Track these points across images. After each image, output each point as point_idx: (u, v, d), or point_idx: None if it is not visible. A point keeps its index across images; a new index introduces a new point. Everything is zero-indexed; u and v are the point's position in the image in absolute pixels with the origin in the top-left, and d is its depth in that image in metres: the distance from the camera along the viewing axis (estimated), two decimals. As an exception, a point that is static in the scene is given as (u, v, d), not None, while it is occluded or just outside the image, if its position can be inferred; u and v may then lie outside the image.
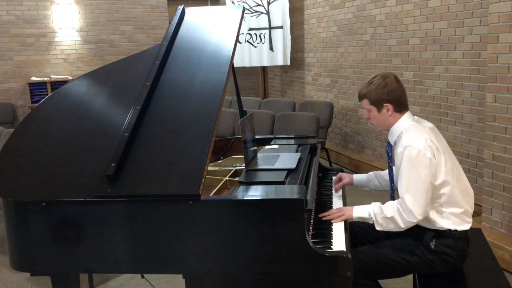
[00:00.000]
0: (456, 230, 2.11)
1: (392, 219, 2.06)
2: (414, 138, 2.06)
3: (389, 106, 2.15)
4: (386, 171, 2.45)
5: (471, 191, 2.22)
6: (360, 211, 2.15)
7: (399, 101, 2.16)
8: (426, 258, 2.12)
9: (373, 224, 2.12)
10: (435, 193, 2.09)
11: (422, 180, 2.02)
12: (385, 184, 2.49)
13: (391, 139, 2.24)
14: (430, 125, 2.23)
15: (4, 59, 7.26)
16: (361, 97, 2.22)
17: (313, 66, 7.17)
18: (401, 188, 2.06)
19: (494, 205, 3.56)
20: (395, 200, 2.10)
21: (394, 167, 2.30)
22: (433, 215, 2.11)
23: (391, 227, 2.08)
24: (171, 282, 3.23)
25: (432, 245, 2.11)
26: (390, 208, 2.08)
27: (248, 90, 8.74)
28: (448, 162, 2.11)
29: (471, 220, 2.17)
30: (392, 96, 2.14)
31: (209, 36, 2.57)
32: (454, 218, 2.11)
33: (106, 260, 1.93)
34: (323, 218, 2.17)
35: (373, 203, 2.16)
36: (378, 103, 2.16)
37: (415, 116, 2.23)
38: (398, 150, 2.12)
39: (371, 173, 2.59)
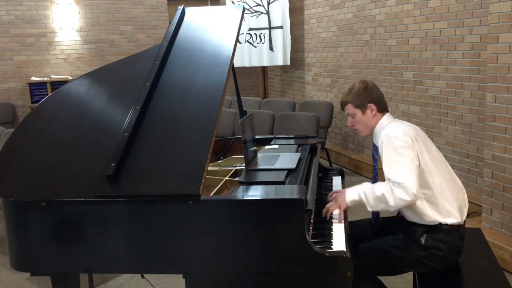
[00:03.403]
0: (446, 224, 2.11)
1: (382, 197, 2.05)
2: (392, 128, 2.15)
3: (373, 106, 2.23)
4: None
5: (463, 189, 2.24)
6: (352, 194, 2.17)
7: (380, 101, 2.25)
8: (418, 254, 2.13)
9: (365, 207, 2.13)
10: (422, 181, 2.10)
11: (407, 160, 2.05)
12: None
13: (376, 140, 2.29)
14: (411, 124, 2.27)
15: (4, 59, 7.26)
16: (343, 104, 2.30)
17: (313, 66, 7.17)
18: (389, 171, 2.06)
19: (494, 205, 3.56)
20: (386, 180, 2.11)
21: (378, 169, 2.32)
22: (423, 205, 2.12)
23: (382, 207, 2.09)
24: (171, 282, 3.23)
25: (423, 240, 2.12)
26: (380, 187, 2.09)
27: (248, 90, 8.74)
28: (431, 153, 2.16)
29: (463, 215, 2.18)
30: (374, 97, 2.24)
31: (209, 36, 2.57)
32: (443, 211, 2.12)
33: (106, 260, 1.93)
34: (325, 216, 2.17)
35: (364, 183, 2.18)
36: (362, 105, 2.24)
37: (396, 119, 2.30)
38: (379, 143, 2.18)
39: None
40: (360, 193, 2.14)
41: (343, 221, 2.17)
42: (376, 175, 2.35)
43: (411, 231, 2.16)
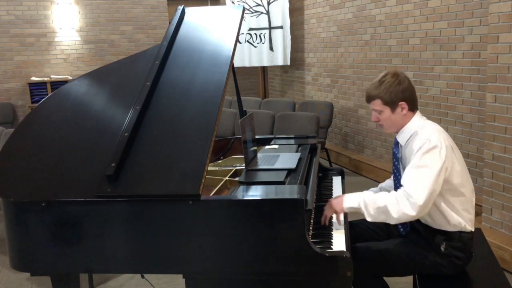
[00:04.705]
0: (465, 232, 2.09)
1: (384, 208, 1.95)
2: (433, 134, 2.00)
3: (404, 104, 2.07)
4: (388, 182, 2.39)
5: (473, 193, 2.20)
6: (350, 201, 2.06)
7: (413, 99, 2.09)
8: (435, 260, 2.09)
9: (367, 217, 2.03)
10: (456, 191, 2.04)
11: (433, 174, 1.94)
12: None
13: (402, 139, 2.14)
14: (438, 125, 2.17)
15: (4, 59, 7.26)
16: (371, 98, 2.11)
17: (313, 66, 7.17)
18: (407, 176, 1.96)
19: (494, 205, 3.56)
20: (392, 191, 2.02)
21: (401, 169, 2.19)
22: (449, 212, 2.06)
23: (382, 218, 1.98)
24: (171, 282, 3.23)
25: (443, 248, 2.08)
26: (383, 197, 1.99)
27: (248, 90, 8.74)
28: (459, 162, 2.08)
29: (473, 220, 2.16)
30: (407, 94, 2.06)
31: (209, 36, 2.57)
32: (467, 218, 2.10)
33: (106, 260, 1.93)
34: (323, 223, 2.10)
35: (365, 192, 2.07)
36: (392, 103, 2.07)
37: (423, 116, 2.17)
38: (415, 146, 2.01)
39: (375, 189, 2.47)
40: (360, 201, 2.03)
41: (343, 224, 2.13)
42: (399, 174, 2.19)
43: (430, 237, 2.10)
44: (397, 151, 2.20)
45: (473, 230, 2.13)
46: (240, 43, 7.29)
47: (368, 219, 2.03)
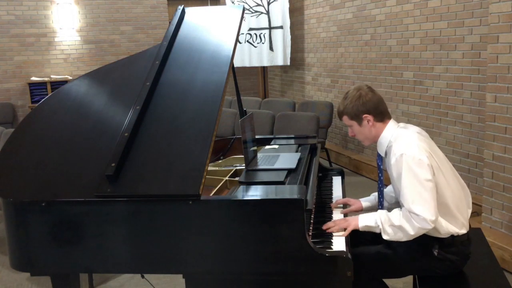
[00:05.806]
0: (459, 235, 2.08)
1: (400, 227, 1.97)
2: (406, 144, 2.01)
3: (369, 117, 2.10)
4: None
5: (467, 189, 2.19)
6: (366, 220, 2.06)
7: (377, 110, 2.11)
8: (429, 264, 2.10)
9: (380, 233, 2.04)
10: (438, 199, 2.02)
11: (425, 185, 1.95)
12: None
13: (381, 150, 2.17)
14: (417, 129, 2.17)
15: (4, 59, 7.26)
16: (340, 114, 2.19)
17: (313, 66, 7.17)
18: (406, 199, 1.97)
19: (494, 205, 3.56)
20: (402, 208, 2.03)
21: (384, 180, 2.22)
22: (439, 222, 2.04)
23: (399, 236, 2.00)
24: (171, 282, 3.23)
25: (435, 252, 2.08)
26: (397, 216, 2.00)
27: (248, 90, 8.74)
28: (442, 164, 2.08)
29: (467, 221, 2.15)
30: (369, 106, 2.10)
31: (209, 36, 2.57)
32: (459, 224, 2.08)
33: (106, 260, 1.93)
34: (328, 230, 2.07)
35: (379, 211, 2.09)
36: (356, 117, 2.12)
37: (400, 123, 2.18)
38: (392, 160, 2.04)
39: (376, 194, 2.46)
40: (377, 219, 2.03)
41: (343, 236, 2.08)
42: (382, 186, 2.27)
43: (423, 243, 2.09)
44: (380, 162, 2.23)
45: (466, 231, 2.12)
46: (240, 43, 7.29)
47: (385, 237, 2.02)
